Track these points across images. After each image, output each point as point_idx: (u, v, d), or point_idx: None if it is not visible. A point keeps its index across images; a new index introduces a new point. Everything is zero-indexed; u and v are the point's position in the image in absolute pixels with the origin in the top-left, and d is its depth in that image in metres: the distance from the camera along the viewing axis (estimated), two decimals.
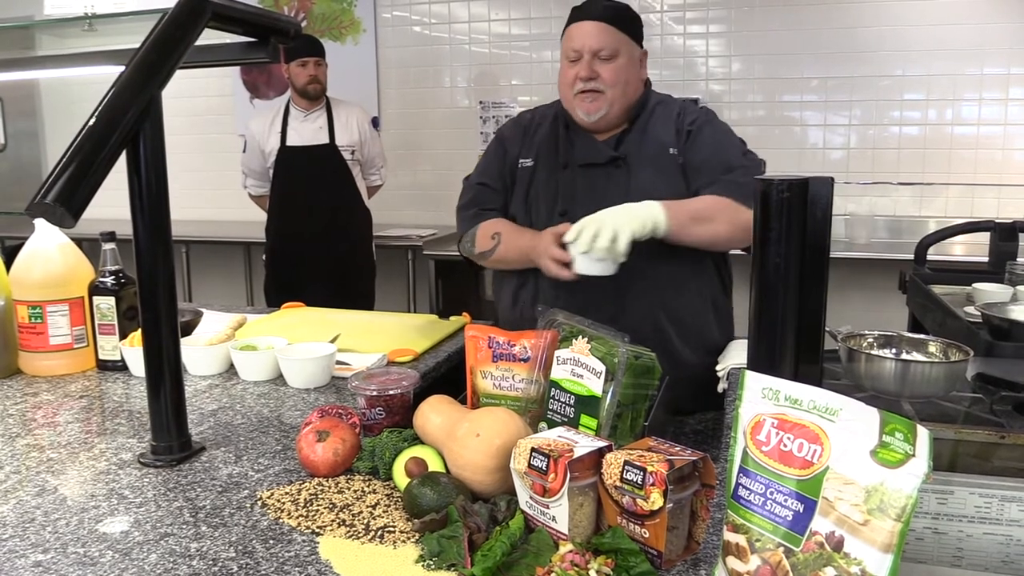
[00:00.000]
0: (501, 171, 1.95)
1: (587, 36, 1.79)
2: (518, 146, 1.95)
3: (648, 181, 1.79)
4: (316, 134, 3.78)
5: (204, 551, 1.00)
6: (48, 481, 1.22)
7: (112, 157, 1.13)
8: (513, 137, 1.97)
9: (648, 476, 0.90)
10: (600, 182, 1.83)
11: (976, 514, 0.89)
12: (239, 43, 1.53)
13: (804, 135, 4.41)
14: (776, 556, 0.78)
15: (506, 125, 2.05)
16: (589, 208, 1.76)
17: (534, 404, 1.27)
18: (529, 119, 1.99)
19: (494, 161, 1.98)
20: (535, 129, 1.95)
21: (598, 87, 1.79)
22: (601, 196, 1.78)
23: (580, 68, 1.79)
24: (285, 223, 3.85)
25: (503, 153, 1.96)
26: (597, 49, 1.78)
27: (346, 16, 5.02)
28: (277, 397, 1.59)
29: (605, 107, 1.80)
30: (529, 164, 1.92)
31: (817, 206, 0.97)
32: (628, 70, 1.82)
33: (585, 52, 1.78)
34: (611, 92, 1.79)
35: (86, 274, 1.78)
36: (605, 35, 1.78)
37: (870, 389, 1.40)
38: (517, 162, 1.93)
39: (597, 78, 1.78)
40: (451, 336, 1.98)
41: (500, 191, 1.95)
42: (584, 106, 1.81)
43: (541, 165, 1.90)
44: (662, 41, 4.51)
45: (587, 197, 1.80)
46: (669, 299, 1.78)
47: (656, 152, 1.82)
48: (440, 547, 0.97)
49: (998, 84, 4.10)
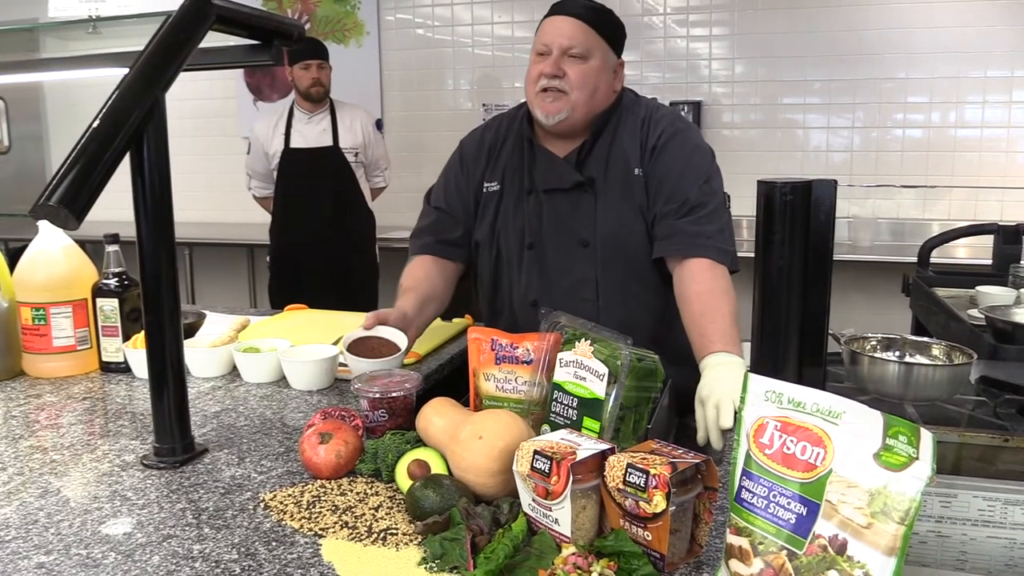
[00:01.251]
0: (463, 195, 1.84)
1: (560, 32, 1.68)
2: (482, 168, 1.84)
3: (615, 207, 1.72)
4: (320, 136, 3.79)
5: (207, 553, 1.00)
6: (51, 483, 1.22)
7: (116, 159, 1.13)
8: (476, 158, 1.86)
9: (651, 479, 0.90)
10: (565, 209, 1.75)
11: (980, 517, 0.89)
12: (242, 46, 1.53)
13: (807, 138, 4.41)
14: (779, 559, 0.78)
15: (468, 142, 1.92)
16: (556, 240, 1.74)
17: (537, 407, 1.27)
18: (493, 137, 1.86)
19: (454, 183, 1.87)
20: (499, 147, 1.84)
21: (562, 87, 1.68)
22: (567, 225, 1.74)
23: (546, 64, 1.68)
24: (289, 225, 3.86)
25: (466, 176, 1.86)
26: (568, 47, 1.67)
27: (349, 19, 5.03)
28: (280, 399, 1.60)
29: (567, 110, 1.69)
30: (495, 188, 1.82)
31: (820, 209, 0.97)
32: (599, 75, 1.71)
33: (554, 48, 1.68)
34: (576, 95, 1.68)
35: (90, 276, 1.79)
36: (579, 33, 1.68)
37: (873, 392, 1.40)
38: (482, 186, 1.83)
39: (563, 77, 1.67)
40: (454, 338, 1.98)
41: (460, 219, 1.84)
42: (544, 106, 1.69)
43: (507, 190, 1.81)
44: (665, 44, 4.52)
45: (553, 228, 1.75)
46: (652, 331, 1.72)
47: (621, 173, 1.73)
48: (443, 549, 0.97)
49: (1002, 87, 4.10)
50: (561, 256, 1.76)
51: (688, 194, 1.67)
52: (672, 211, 1.67)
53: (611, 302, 1.74)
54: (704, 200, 1.67)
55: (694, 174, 1.70)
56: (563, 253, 1.76)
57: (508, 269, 1.82)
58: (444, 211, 1.86)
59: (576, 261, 1.75)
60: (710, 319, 1.52)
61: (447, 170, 1.92)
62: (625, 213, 1.72)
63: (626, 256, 1.74)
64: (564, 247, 1.76)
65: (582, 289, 1.75)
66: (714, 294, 1.56)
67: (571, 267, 1.76)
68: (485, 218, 1.83)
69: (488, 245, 1.83)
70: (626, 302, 1.75)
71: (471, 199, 1.84)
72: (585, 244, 1.74)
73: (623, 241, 1.73)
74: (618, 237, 1.73)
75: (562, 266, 1.76)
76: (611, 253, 1.74)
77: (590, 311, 1.71)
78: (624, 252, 1.73)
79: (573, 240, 1.75)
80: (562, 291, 1.75)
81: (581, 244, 1.75)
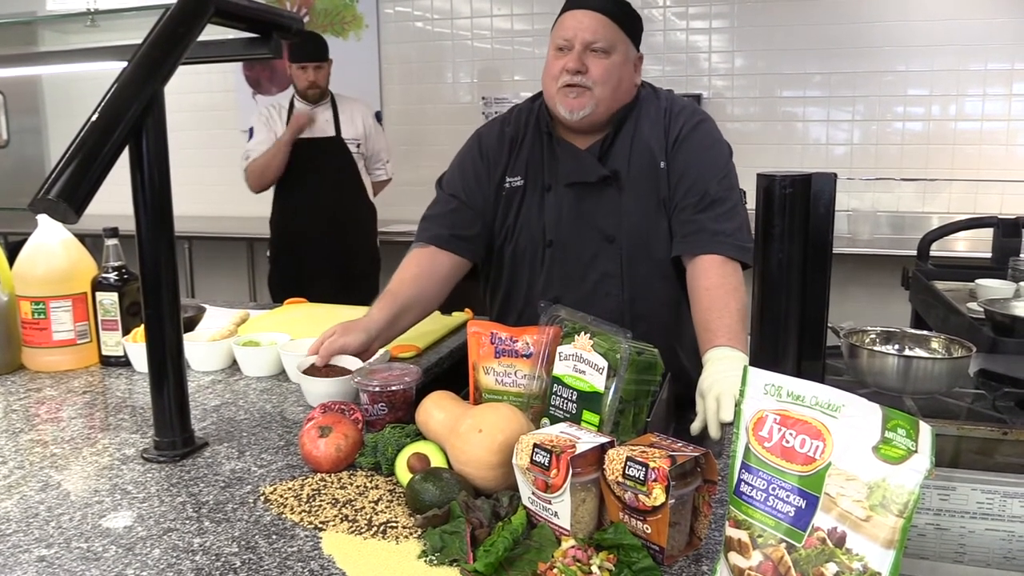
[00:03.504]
0: (483, 188, 1.78)
1: (581, 26, 1.64)
2: (504, 161, 1.78)
3: (640, 201, 1.70)
4: (323, 127, 3.78)
5: (207, 546, 1.00)
6: (51, 476, 1.22)
7: (115, 153, 1.13)
8: (499, 151, 1.79)
9: (650, 472, 0.90)
10: (589, 204, 1.71)
11: (978, 510, 0.89)
12: (241, 39, 1.53)
13: (807, 131, 4.41)
14: (778, 552, 0.78)
15: (487, 133, 1.84)
16: (579, 235, 1.71)
17: (536, 400, 1.27)
18: (513, 130, 1.80)
19: (472, 173, 1.80)
20: (521, 141, 1.79)
21: (585, 83, 1.64)
22: (590, 219, 1.71)
23: (569, 59, 1.64)
24: (292, 215, 3.84)
25: (487, 168, 1.79)
26: (590, 41, 1.63)
27: (348, 11, 5.02)
28: (280, 393, 1.60)
29: (591, 106, 1.65)
30: (519, 183, 1.77)
31: (820, 202, 0.97)
32: (621, 70, 1.67)
33: (577, 42, 1.63)
34: (599, 90, 1.65)
35: (89, 270, 1.79)
36: (602, 27, 1.64)
37: (872, 385, 1.40)
38: (504, 180, 1.77)
39: (586, 72, 1.64)
40: (453, 332, 1.98)
41: (479, 212, 1.78)
42: (567, 102, 1.66)
43: (530, 185, 1.76)
44: (665, 37, 4.51)
45: (576, 223, 1.72)
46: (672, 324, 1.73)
47: (647, 165, 1.70)
48: (442, 542, 0.97)
49: (1002, 79, 4.09)
50: (584, 252, 1.73)
51: (708, 187, 1.66)
52: (692, 204, 1.66)
53: (636, 297, 1.71)
54: (723, 195, 1.66)
55: (714, 168, 1.68)
56: (586, 249, 1.73)
57: (527, 266, 1.79)
58: (463, 202, 1.78)
59: (600, 257, 1.72)
60: (717, 315, 1.51)
61: (463, 159, 1.84)
62: (650, 207, 1.70)
63: (650, 251, 1.71)
64: (588, 242, 1.73)
65: (607, 284, 1.72)
66: (724, 290, 1.55)
67: (595, 263, 1.73)
68: (508, 214, 1.78)
69: (507, 242, 1.79)
70: (649, 297, 1.73)
71: (492, 193, 1.78)
72: (611, 239, 1.71)
73: (648, 236, 1.71)
74: (643, 232, 1.71)
75: (585, 262, 1.73)
76: (636, 248, 1.71)
77: (615, 307, 1.70)
78: (648, 247, 1.71)
79: (598, 235, 1.72)
80: (585, 287, 1.73)
81: (606, 239, 1.71)
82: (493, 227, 1.80)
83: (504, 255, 1.81)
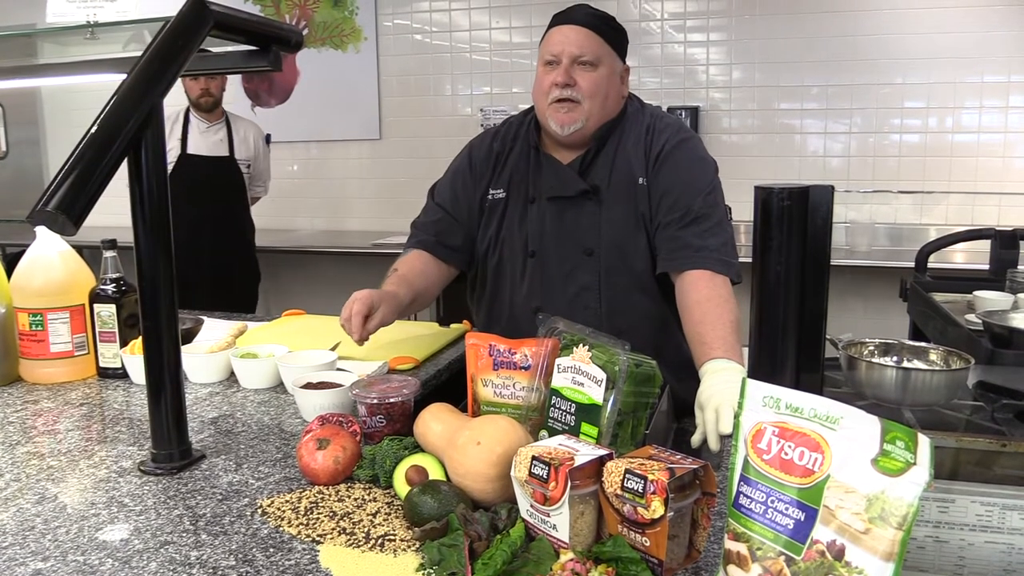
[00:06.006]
0: (469, 200, 1.84)
1: (568, 40, 1.69)
2: (488, 175, 1.84)
3: (619, 216, 1.72)
4: (217, 146, 3.90)
5: (204, 559, 1.00)
6: (48, 489, 1.21)
7: (114, 165, 1.13)
8: (484, 164, 1.85)
9: (649, 484, 0.90)
10: (569, 216, 1.75)
11: (978, 523, 0.89)
12: (240, 51, 1.53)
13: (804, 143, 4.42)
14: (777, 565, 0.78)
15: (478, 145, 1.91)
16: (559, 248, 1.73)
17: (535, 412, 1.27)
18: (500, 145, 1.86)
19: (461, 186, 1.86)
20: (507, 155, 1.84)
21: (575, 96, 1.68)
22: (570, 232, 1.74)
23: (557, 74, 1.68)
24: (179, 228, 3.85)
25: (474, 181, 1.85)
26: (577, 55, 1.68)
27: (347, 24, 5.04)
28: (277, 405, 1.59)
29: (582, 120, 1.70)
30: (501, 196, 1.82)
31: (818, 214, 0.98)
32: (608, 83, 1.72)
33: (564, 57, 1.68)
34: (588, 104, 1.69)
35: (87, 281, 1.79)
36: (588, 41, 1.69)
37: (871, 397, 1.40)
38: (487, 193, 1.83)
39: (574, 86, 1.68)
40: (452, 344, 1.98)
41: (463, 224, 1.84)
42: (559, 117, 1.70)
43: (512, 198, 1.81)
44: (662, 49, 4.53)
45: (557, 236, 1.75)
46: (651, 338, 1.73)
47: (626, 182, 1.73)
48: (441, 555, 0.97)
49: (998, 92, 4.11)
50: (564, 264, 1.76)
51: (692, 203, 1.67)
52: (675, 220, 1.67)
53: (613, 310, 1.74)
54: (707, 212, 1.67)
55: (697, 185, 1.70)
56: (566, 261, 1.76)
57: (509, 276, 1.82)
58: (448, 213, 1.86)
59: (579, 269, 1.75)
60: (710, 326, 1.52)
61: (454, 170, 1.91)
62: (628, 222, 1.72)
63: (628, 265, 1.74)
64: (567, 255, 1.76)
65: (585, 297, 1.75)
66: (714, 302, 1.56)
67: (574, 275, 1.76)
68: (489, 225, 1.83)
69: (490, 252, 1.83)
70: (628, 311, 1.75)
71: (476, 205, 1.84)
72: (589, 252, 1.74)
73: (626, 250, 1.73)
74: (621, 246, 1.73)
75: (565, 274, 1.76)
76: (614, 261, 1.74)
77: (592, 319, 1.71)
78: (627, 261, 1.74)
79: (576, 248, 1.75)
80: (565, 299, 1.76)
81: (585, 252, 1.75)
82: (476, 238, 1.85)
83: (488, 265, 1.85)
